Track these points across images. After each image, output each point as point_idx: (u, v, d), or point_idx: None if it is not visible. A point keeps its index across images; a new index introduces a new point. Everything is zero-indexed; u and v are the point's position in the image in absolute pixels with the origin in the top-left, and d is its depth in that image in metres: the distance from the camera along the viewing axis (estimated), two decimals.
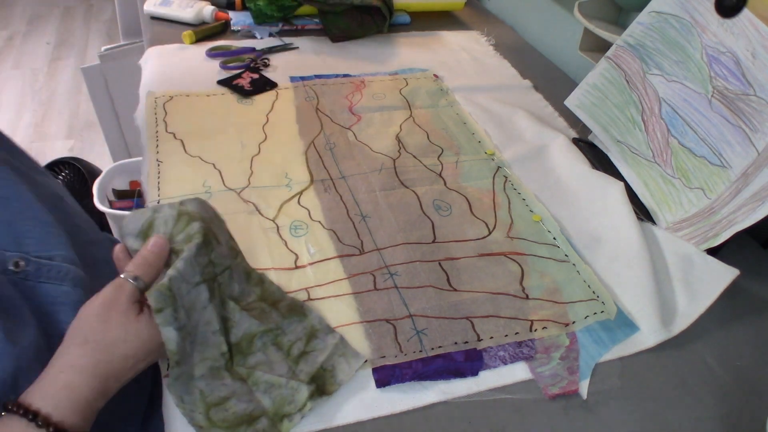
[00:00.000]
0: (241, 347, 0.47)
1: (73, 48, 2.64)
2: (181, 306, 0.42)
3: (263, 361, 0.47)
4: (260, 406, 0.45)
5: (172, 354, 0.42)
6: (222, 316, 0.46)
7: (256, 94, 0.84)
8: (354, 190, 0.69)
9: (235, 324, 0.47)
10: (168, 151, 0.71)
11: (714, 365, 0.55)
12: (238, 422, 0.44)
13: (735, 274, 0.59)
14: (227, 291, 0.47)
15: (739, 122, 0.60)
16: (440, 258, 0.61)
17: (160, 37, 0.97)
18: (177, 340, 0.42)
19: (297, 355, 0.49)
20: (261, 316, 0.49)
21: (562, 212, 0.69)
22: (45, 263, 0.49)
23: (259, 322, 0.48)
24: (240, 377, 0.46)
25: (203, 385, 0.45)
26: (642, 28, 0.70)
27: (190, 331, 0.43)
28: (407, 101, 0.87)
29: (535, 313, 0.56)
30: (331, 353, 0.49)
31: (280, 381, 0.46)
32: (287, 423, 0.45)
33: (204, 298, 0.44)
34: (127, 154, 1.52)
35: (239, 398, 0.45)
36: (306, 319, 0.51)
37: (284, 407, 0.46)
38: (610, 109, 0.75)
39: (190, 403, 0.44)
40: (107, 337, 0.41)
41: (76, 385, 0.40)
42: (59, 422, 0.38)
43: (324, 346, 0.50)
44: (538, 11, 1.12)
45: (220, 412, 0.44)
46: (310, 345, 0.50)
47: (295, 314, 0.51)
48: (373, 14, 1.04)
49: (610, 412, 0.50)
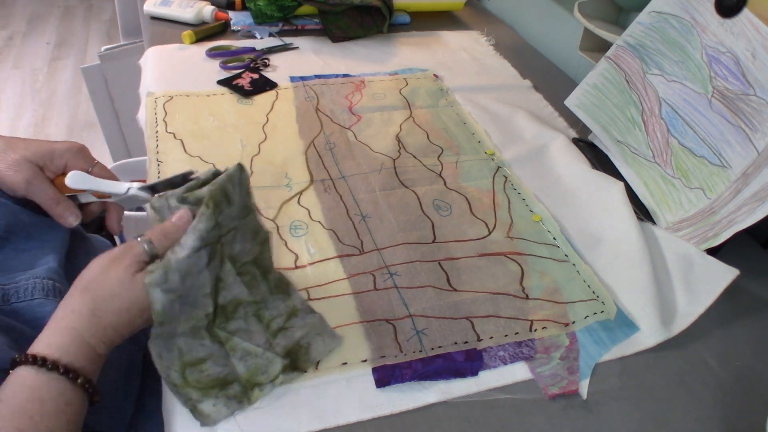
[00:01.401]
0: (226, 311, 0.48)
1: (73, 48, 2.64)
2: (176, 269, 0.43)
3: (243, 329, 0.48)
4: (234, 372, 0.47)
5: (157, 315, 0.43)
6: (216, 276, 0.46)
7: (256, 94, 0.84)
8: (354, 190, 0.69)
9: (226, 287, 0.47)
10: (168, 151, 0.71)
11: (714, 365, 0.55)
12: (211, 385, 0.45)
13: (735, 274, 0.59)
14: (228, 250, 0.47)
15: (739, 122, 0.60)
16: (440, 258, 0.61)
17: (160, 37, 0.97)
18: (163, 302, 0.42)
19: (276, 330, 0.50)
20: (251, 284, 0.49)
21: (562, 212, 0.69)
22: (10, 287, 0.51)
23: (249, 291, 0.49)
24: (219, 340, 0.47)
25: (182, 343, 0.45)
26: (642, 28, 0.70)
27: (182, 293, 0.44)
28: (407, 101, 0.87)
29: (535, 313, 0.56)
30: (308, 331, 0.51)
31: (257, 350, 0.48)
32: (258, 391, 0.46)
33: (202, 264, 0.44)
34: (127, 154, 1.52)
35: (215, 361, 0.46)
36: (289, 299, 0.52)
37: (257, 376, 0.47)
38: (610, 109, 0.75)
39: (168, 359, 0.45)
40: (104, 288, 0.43)
41: (78, 328, 0.42)
42: (68, 363, 0.40)
43: (303, 324, 0.51)
44: (538, 11, 1.12)
45: (195, 372, 0.45)
46: (289, 322, 0.51)
47: (280, 292, 0.52)
48: (373, 14, 1.04)
49: (610, 412, 0.50)
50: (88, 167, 0.55)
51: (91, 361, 0.42)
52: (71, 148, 0.55)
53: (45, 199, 0.54)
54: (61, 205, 0.54)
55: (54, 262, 0.54)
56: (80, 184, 0.53)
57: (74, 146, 0.56)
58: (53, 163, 0.54)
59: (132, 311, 0.43)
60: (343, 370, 0.50)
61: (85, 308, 0.42)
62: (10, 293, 0.51)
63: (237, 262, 0.48)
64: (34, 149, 0.54)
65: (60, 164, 0.54)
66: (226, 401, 0.45)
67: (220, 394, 0.45)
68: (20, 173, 0.52)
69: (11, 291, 0.51)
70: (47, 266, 0.53)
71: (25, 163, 0.53)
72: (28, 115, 2.15)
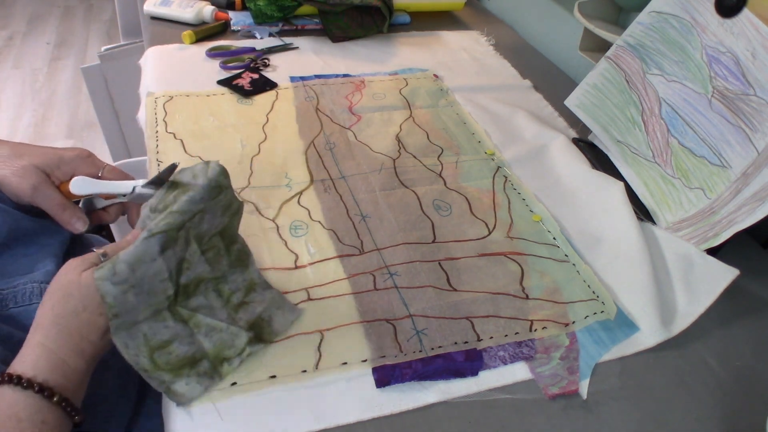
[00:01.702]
0: (188, 289, 0.48)
1: (73, 48, 2.64)
2: (123, 261, 0.43)
3: (204, 305, 0.49)
4: (201, 348, 0.47)
5: (110, 307, 0.43)
6: (180, 258, 0.46)
7: (256, 94, 0.84)
8: (354, 190, 0.69)
9: (190, 266, 0.47)
10: (168, 151, 0.71)
11: (714, 365, 0.55)
12: (180, 364, 0.46)
13: (735, 274, 0.59)
14: (194, 231, 0.47)
15: (739, 122, 0.60)
16: (440, 258, 0.61)
17: (160, 37, 0.97)
18: (114, 294, 0.42)
19: (236, 304, 0.50)
20: (215, 259, 0.49)
21: (562, 212, 0.69)
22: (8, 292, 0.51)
23: (211, 269, 0.49)
24: (182, 319, 0.47)
25: (146, 328, 0.45)
26: (642, 28, 0.70)
27: (134, 283, 0.43)
28: (407, 101, 0.87)
29: (535, 313, 0.56)
30: (268, 305, 0.52)
31: (221, 325, 0.48)
32: (227, 366, 0.47)
33: (154, 251, 0.44)
34: (127, 154, 1.52)
35: (181, 341, 0.46)
36: (247, 271, 0.52)
37: (225, 351, 0.48)
38: (610, 109, 0.75)
39: (135, 348, 0.45)
40: (58, 293, 0.43)
41: (44, 342, 0.41)
42: (43, 382, 0.40)
43: (262, 298, 0.52)
44: (538, 11, 1.12)
45: (163, 355, 0.46)
46: (248, 296, 0.51)
47: (239, 264, 0.52)
48: (373, 14, 1.04)
49: (610, 412, 0.50)
50: (98, 172, 0.55)
51: (64, 376, 0.41)
52: (79, 155, 0.55)
53: (51, 205, 0.54)
54: (67, 211, 0.54)
55: (52, 265, 0.54)
56: (84, 189, 0.53)
57: (82, 153, 0.56)
58: (60, 170, 0.54)
59: (89, 309, 0.43)
60: (343, 370, 0.50)
61: (46, 320, 0.42)
62: (8, 298, 0.51)
63: (203, 238, 0.48)
64: (41, 156, 0.54)
65: (67, 171, 0.54)
66: (198, 379, 0.46)
67: (191, 372, 0.46)
68: (26, 179, 0.52)
69: (9, 296, 0.51)
70: (45, 270, 0.53)
71: (31, 170, 0.53)
72: (28, 115, 2.15)
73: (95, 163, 0.56)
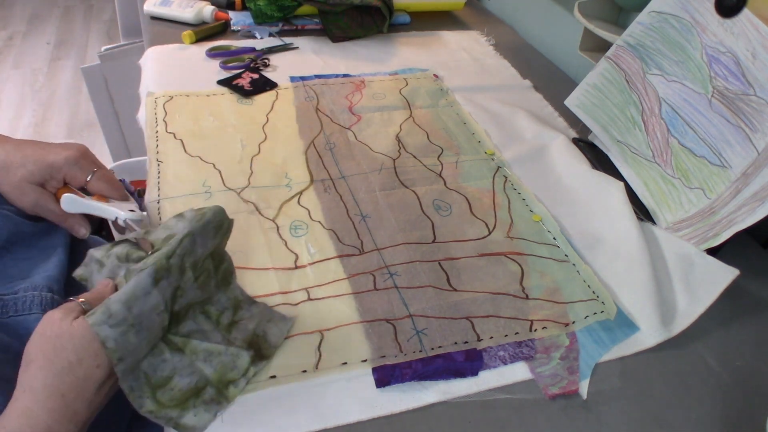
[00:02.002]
0: (178, 316, 0.46)
1: (73, 48, 2.64)
2: (117, 301, 0.41)
3: (195, 330, 0.47)
4: (203, 376, 0.46)
5: (113, 352, 0.41)
6: (174, 287, 0.45)
7: (256, 94, 0.84)
8: (354, 190, 0.69)
9: (183, 294, 0.46)
10: (168, 151, 0.71)
11: (714, 365, 0.55)
12: (185, 398, 0.44)
13: (735, 274, 0.59)
14: (189, 258, 0.45)
15: (739, 122, 0.60)
16: (440, 258, 0.61)
17: (160, 37, 0.97)
18: (115, 337, 0.40)
19: (227, 324, 0.49)
20: (205, 282, 0.48)
21: (562, 212, 0.69)
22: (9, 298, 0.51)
23: (201, 293, 0.47)
24: (177, 348, 0.46)
25: (146, 366, 0.44)
26: (642, 28, 0.70)
27: (133, 322, 0.42)
28: (407, 101, 0.87)
29: (535, 313, 0.56)
30: (259, 321, 0.50)
31: (219, 348, 0.47)
32: (233, 389, 0.46)
33: (147, 285, 0.42)
34: (127, 154, 1.52)
35: (181, 374, 0.45)
36: (229, 289, 0.51)
37: (228, 374, 0.46)
38: (610, 109, 0.75)
39: (138, 389, 0.43)
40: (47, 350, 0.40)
41: (32, 410, 0.38)
42: None
43: (250, 314, 0.51)
44: (538, 11, 1.12)
45: (166, 392, 0.44)
46: (237, 315, 0.50)
47: (224, 284, 0.50)
48: (373, 14, 1.04)
49: (610, 412, 0.50)
50: (87, 176, 0.55)
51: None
52: (68, 160, 0.54)
53: (53, 217, 0.55)
54: (69, 219, 0.56)
55: (54, 269, 0.54)
56: (73, 208, 0.55)
57: (71, 157, 0.54)
58: (53, 178, 0.55)
59: (85, 362, 0.39)
60: (343, 370, 0.50)
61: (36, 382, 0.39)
62: (8, 305, 0.50)
63: (197, 264, 0.47)
64: (31, 167, 0.53)
65: (60, 178, 0.55)
66: (206, 407, 0.45)
67: (198, 402, 0.45)
68: (26, 197, 0.53)
69: (10, 303, 0.50)
70: (46, 275, 0.53)
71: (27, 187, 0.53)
72: (28, 115, 2.15)
73: (86, 166, 0.55)
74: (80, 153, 0.55)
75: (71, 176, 0.55)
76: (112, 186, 0.57)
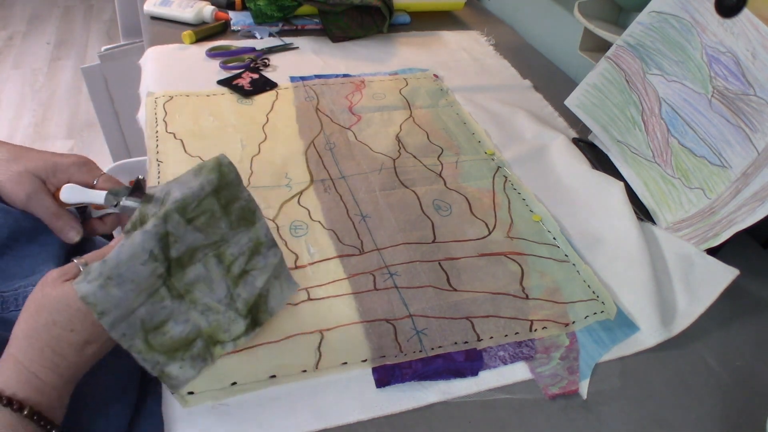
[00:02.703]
0: (182, 261, 0.45)
1: (73, 48, 2.64)
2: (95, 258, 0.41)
3: (202, 276, 0.45)
4: (197, 325, 0.46)
5: (93, 306, 0.40)
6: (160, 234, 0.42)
7: (256, 94, 0.84)
8: (354, 190, 0.69)
9: (177, 239, 0.43)
10: (168, 151, 0.71)
11: (714, 365, 0.55)
12: (174, 347, 0.45)
13: (735, 274, 0.59)
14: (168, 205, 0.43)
15: (739, 122, 0.60)
16: (440, 258, 0.61)
17: (160, 37, 0.97)
18: (93, 291, 0.40)
19: (237, 275, 0.47)
20: (208, 224, 0.45)
21: (562, 212, 0.69)
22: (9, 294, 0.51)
23: (204, 236, 0.45)
24: (178, 294, 0.45)
25: (144, 313, 0.43)
26: (642, 28, 0.70)
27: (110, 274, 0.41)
28: (407, 101, 0.87)
29: (535, 313, 0.56)
30: (269, 275, 0.49)
31: (218, 307, 0.46)
32: (219, 349, 0.47)
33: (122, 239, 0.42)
34: (127, 154, 1.52)
35: (176, 320, 0.45)
36: (253, 228, 0.48)
37: (219, 334, 0.47)
38: (610, 109, 0.75)
39: (131, 333, 0.43)
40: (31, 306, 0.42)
41: (16, 355, 0.41)
42: (12, 395, 0.39)
43: (264, 264, 0.49)
44: (538, 11, 1.12)
45: (158, 336, 0.44)
46: (251, 263, 0.48)
47: (244, 223, 0.47)
48: (373, 14, 1.04)
49: (610, 412, 0.50)
50: (93, 180, 0.55)
51: (37, 390, 0.40)
52: (76, 162, 0.55)
53: (45, 213, 0.53)
54: (61, 219, 0.54)
55: (54, 266, 0.54)
56: (73, 197, 0.53)
57: (79, 160, 0.55)
58: (56, 177, 0.54)
59: (59, 324, 0.41)
60: (343, 370, 0.50)
61: (19, 332, 0.41)
62: (9, 301, 0.50)
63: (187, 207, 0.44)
64: (38, 162, 0.53)
65: (63, 178, 0.54)
66: (192, 362, 0.46)
67: (186, 355, 0.45)
68: (21, 186, 0.52)
69: (10, 298, 0.50)
70: (47, 271, 0.53)
71: (26, 176, 0.52)
72: (28, 115, 2.15)
73: (92, 171, 0.55)
74: (87, 160, 0.56)
75: (77, 177, 0.54)
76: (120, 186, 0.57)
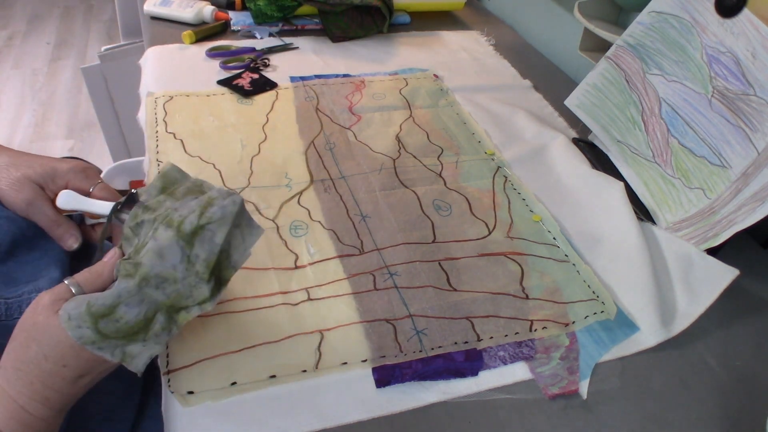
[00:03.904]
0: (127, 236, 0.43)
1: (73, 48, 2.64)
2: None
3: (151, 247, 0.41)
4: (153, 302, 0.41)
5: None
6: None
7: (256, 94, 0.84)
8: (354, 190, 0.69)
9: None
10: (168, 151, 0.71)
11: (714, 365, 0.55)
12: (132, 332, 0.41)
13: (735, 274, 0.59)
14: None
15: (739, 122, 0.60)
16: (440, 258, 0.61)
17: (160, 37, 0.97)
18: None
19: (189, 233, 0.42)
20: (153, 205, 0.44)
21: (562, 212, 0.69)
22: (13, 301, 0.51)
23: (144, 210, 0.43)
24: (127, 273, 0.41)
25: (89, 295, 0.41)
26: (642, 28, 0.70)
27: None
28: (407, 101, 0.87)
29: (535, 313, 0.56)
30: (230, 227, 0.43)
31: (175, 275, 0.41)
32: (184, 314, 0.42)
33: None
34: (127, 154, 1.52)
35: (128, 303, 0.40)
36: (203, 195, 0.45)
37: (181, 301, 0.42)
38: (610, 109, 0.75)
39: (77, 318, 0.39)
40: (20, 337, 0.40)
41: (5, 388, 0.39)
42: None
43: (222, 214, 0.43)
44: (538, 11, 1.12)
45: (110, 323, 0.40)
46: (204, 217, 0.42)
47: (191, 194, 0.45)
48: (373, 14, 1.04)
49: (610, 412, 0.50)
50: (89, 187, 0.55)
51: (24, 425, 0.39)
52: (74, 168, 0.54)
53: (44, 221, 0.53)
54: (61, 227, 0.54)
55: (57, 271, 0.54)
56: (69, 205, 0.53)
57: (77, 166, 0.55)
58: (54, 183, 0.54)
59: (51, 359, 0.39)
60: (343, 370, 0.50)
61: (8, 363, 0.40)
62: (13, 307, 0.50)
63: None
64: (37, 168, 0.53)
65: (61, 184, 0.54)
66: (156, 339, 0.42)
67: (148, 336, 0.41)
68: (21, 193, 0.52)
69: (14, 305, 0.50)
70: (49, 277, 0.53)
71: (26, 183, 0.53)
72: (28, 115, 2.15)
73: (90, 178, 0.55)
74: (86, 165, 0.56)
75: (75, 183, 0.54)
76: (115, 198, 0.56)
